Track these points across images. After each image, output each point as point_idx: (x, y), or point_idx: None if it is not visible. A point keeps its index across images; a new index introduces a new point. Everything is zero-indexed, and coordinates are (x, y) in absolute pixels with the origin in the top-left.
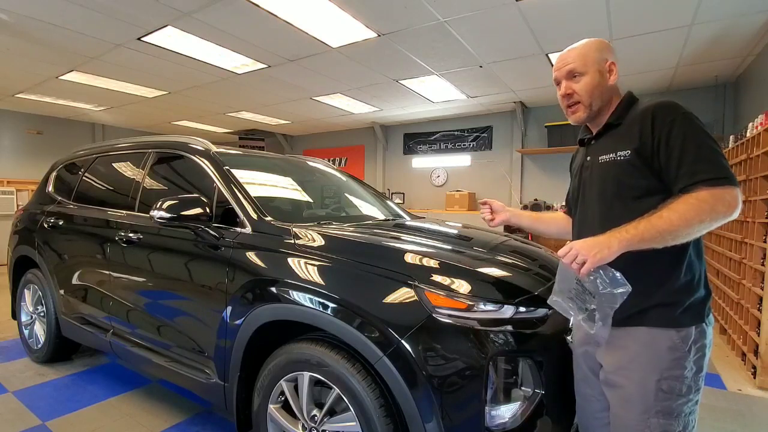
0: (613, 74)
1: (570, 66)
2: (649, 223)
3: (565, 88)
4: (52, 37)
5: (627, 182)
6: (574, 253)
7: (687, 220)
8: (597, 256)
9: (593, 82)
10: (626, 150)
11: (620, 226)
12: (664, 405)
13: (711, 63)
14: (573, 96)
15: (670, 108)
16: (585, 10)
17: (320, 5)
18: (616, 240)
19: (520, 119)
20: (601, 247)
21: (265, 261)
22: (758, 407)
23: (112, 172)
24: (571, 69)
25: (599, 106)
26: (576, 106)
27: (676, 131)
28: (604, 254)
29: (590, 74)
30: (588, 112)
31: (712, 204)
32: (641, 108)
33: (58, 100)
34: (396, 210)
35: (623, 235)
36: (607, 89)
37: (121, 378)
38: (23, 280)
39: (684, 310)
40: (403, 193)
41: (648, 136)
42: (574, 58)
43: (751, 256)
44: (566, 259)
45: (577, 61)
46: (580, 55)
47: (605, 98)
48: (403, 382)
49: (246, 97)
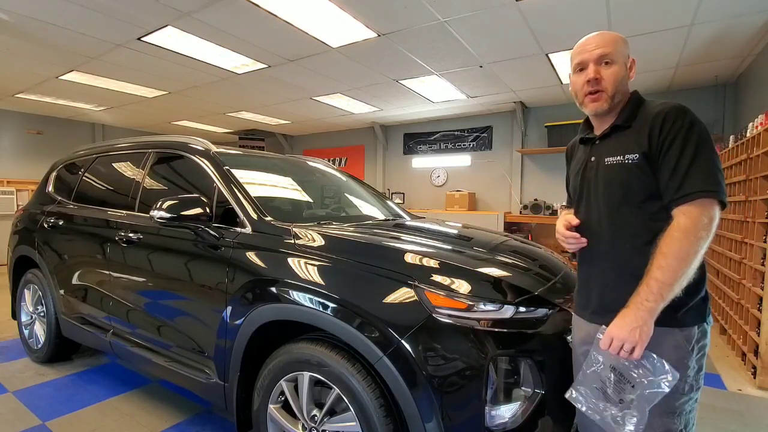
0: (633, 71)
1: (602, 50)
2: (657, 280)
3: (594, 72)
4: (52, 37)
5: (635, 186)
6: (618, 343)
7: (683, 258)
8: (642, 336)
9: (621, 73)
10: (635, 154)
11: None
12: (666, 404)
13: (711, 63)
14: (600, 82)
15: (679, 115)
16: (585, 10)
17: (320, 5)
18: (647, 312)
19: (520, 119)
20: (639, 326)
21: (265, 261)
22: (758, 407)
23: (112, 172)
24: (604, 54)
25: (619, 99)
26: (598, 95)
27: (677, 142)
28: (646, 331)
29: (619, 65)
30: (609, 103)
31: (695, 232)
32: (652, 111)
33: (58, 100)
34: (396, 210)
35: (647, 305)
36: (626, 84)
37: (121, 378)
38: (23, 280)
39: (687, 311)
40: (403, 193)
41: (656, 141)
42: (606, 43)
43: (751, 256)
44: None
45: (609, 47)
46: (613, 42)
47: (625, 93)
48: (403, 382)
49: (246, 97)
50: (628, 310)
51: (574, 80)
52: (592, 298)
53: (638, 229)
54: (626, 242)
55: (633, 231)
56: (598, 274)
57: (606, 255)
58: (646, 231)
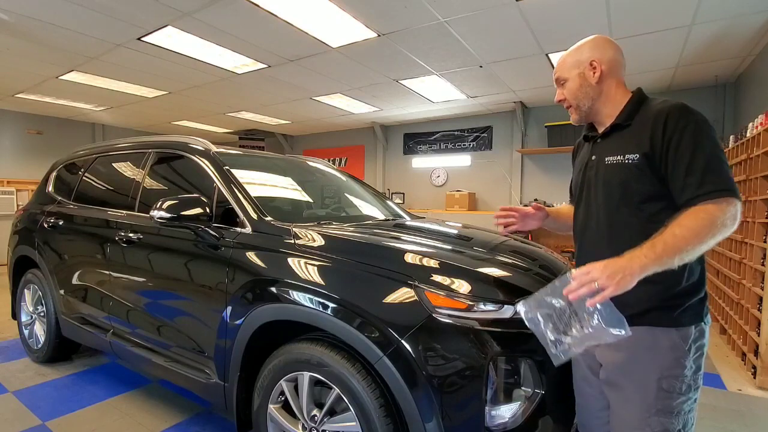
0: (596, 72)
1: (556, 75)
2: (664, 243)
3: (558, 95)
4: (52, 37)
5: (634, 186)
6: (591, 277)
7: (699, 236)
8: (620, 284)
9: (574, 86)
10: (635, 153)
11: (635, 249)
12: (664, 403)
13: (711, 63)
14: (564, 101)
15: (683, 113)
16: (585, 10)
17: (320, 5)
18: (638, 266)
19: (520, 119)
20: (624, 275)
21: (265, 261)
22: (758, 407)
23: (112, 172)
24: (557, 77)
25: (588, 105)
26: (570, 109)
27: (687, 138)
28: (627, 282)
29: (571, 79)
30: (579, 113)
31: (721, 218)
32: (653, 110)
33: (58, 100)
34: (396, 210)
35: (642, 260)
36: (593, 88)
37: (121, 378)
38: (23, 280)
39: (684, 310)
40: (403, 193)
41: (658, 141)
42: (559, 66)
43: (751, 256)
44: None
45: (559, 69)
46: (562, 63)
47: (593, 97)
48: (403, 382)
49: (246, 97)
50: (621, 259)
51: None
52: None
53: (636, 230)
54: (624, 243)
55: (631, 232)
56: None
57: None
58: (644, 232)
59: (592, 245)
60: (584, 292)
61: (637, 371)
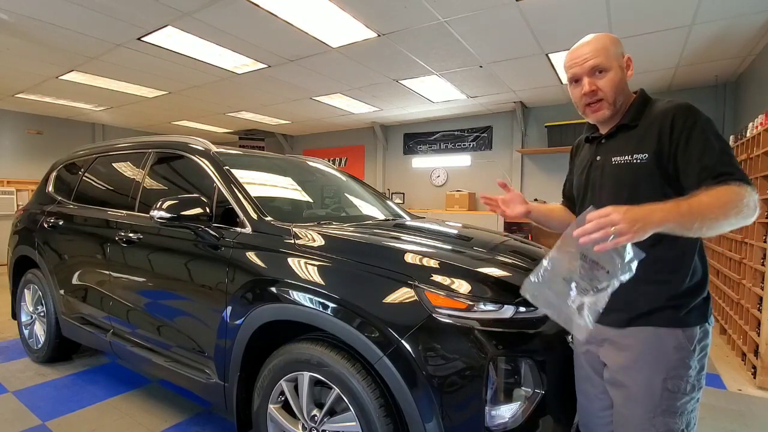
0: (630, 69)
1: (593, 61)
2: (689, 205)
3: (590, 85)
4: (52, 37)
5: (642, 187)
6: (611, 220)
7: (725, 209)
8: (639, 231)
9: (617, 77)
10: (644, 153)
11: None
12: (669, 404)
13: (711, 63)
14: (597, 93)
15: (690, 112)
16: (585, 10)
17: (320, 5)
18: (658, 218)
19: (520, 119)
20: (644, 222)
21: (265, 261)
22: (758, 407)
23: (112, 172)
24: (596, 64)
25: (621, 101)
26: (599, 104)
27: (696, 135)
28: (644, 232)
29: (614, 70)
30: (612, 110)
31: (747, 198)
32: (660, 110)
33: (58, 100)
34: (396, 210)
35: (663, 213)
36: (626, 85)
37: (121, 378)
38: (23, 280)
39: (690, 311)
40: (403, 193)
41: (666, 140)
42: (596, 52)
43: (751, 256)
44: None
45: (600, 56)
46: (603, 49)
47: (627, 95)
48: (403, 382)
49: (246, 97)
50: (639, 207)
51: (572, 92)
52: None
53: None
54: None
55: None
56: None
57: None
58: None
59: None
60: (599, 236)
61: (643, 372)
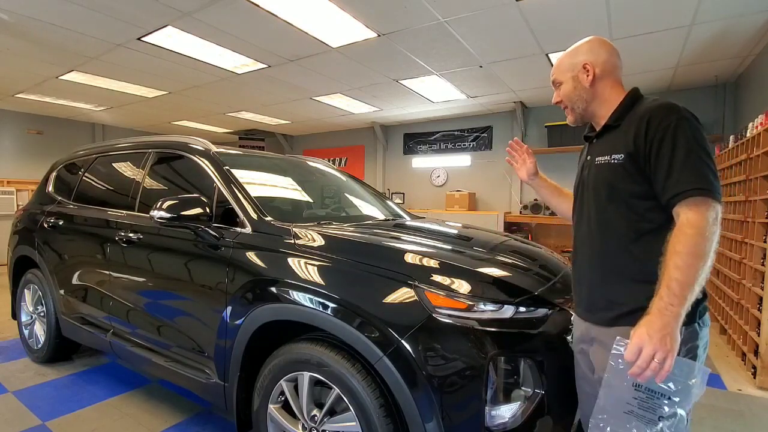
0: (589, 75)
1: (552, 77)
2: (677, 281)
3: (555, 96)
4: (52, 37)
5: (619, 186)
6: (649, 353)
7: (699, 254)
8: (674, 345)
9: (568, 88)
10: (620, 154)
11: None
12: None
13: (711, 63)
14: (561, 102)
15: (666, 112)
16: (585, 10)
17: (320, 5)
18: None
19: (520, 119)
20: (670, 334)
21: (265, 261)
22: (758, 407)
23: (112, 172)
24: (554, 80)
25: (582, 107)
26: (566, 110)
27: (668, 139)
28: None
29: (565, 82)
30: (574, 114)
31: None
32: (640, 110)
33: (58, 100)
34: (396, 210)
35: (672, 309)
36: (587, 91)
37: (121, 378)
38: (23, 280)
39: None
40: (403, 193)
41: (641, 142)
42: (554, 69)
43: (751, 256)
44: (641, 362)
45: (555, 73)
46: (558, 65)
47: (587, 99)
48: (403, 382)
49: (246, 97)
50: (653, 317)
51: None
52: (582, 295)
53: (623, 229)
54: (612, 241)
55: (618, 230)
56: (587, 271)
57: (594, 253)
58: (631, 231)
59: (583, 243)
60: (651, 375)
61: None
